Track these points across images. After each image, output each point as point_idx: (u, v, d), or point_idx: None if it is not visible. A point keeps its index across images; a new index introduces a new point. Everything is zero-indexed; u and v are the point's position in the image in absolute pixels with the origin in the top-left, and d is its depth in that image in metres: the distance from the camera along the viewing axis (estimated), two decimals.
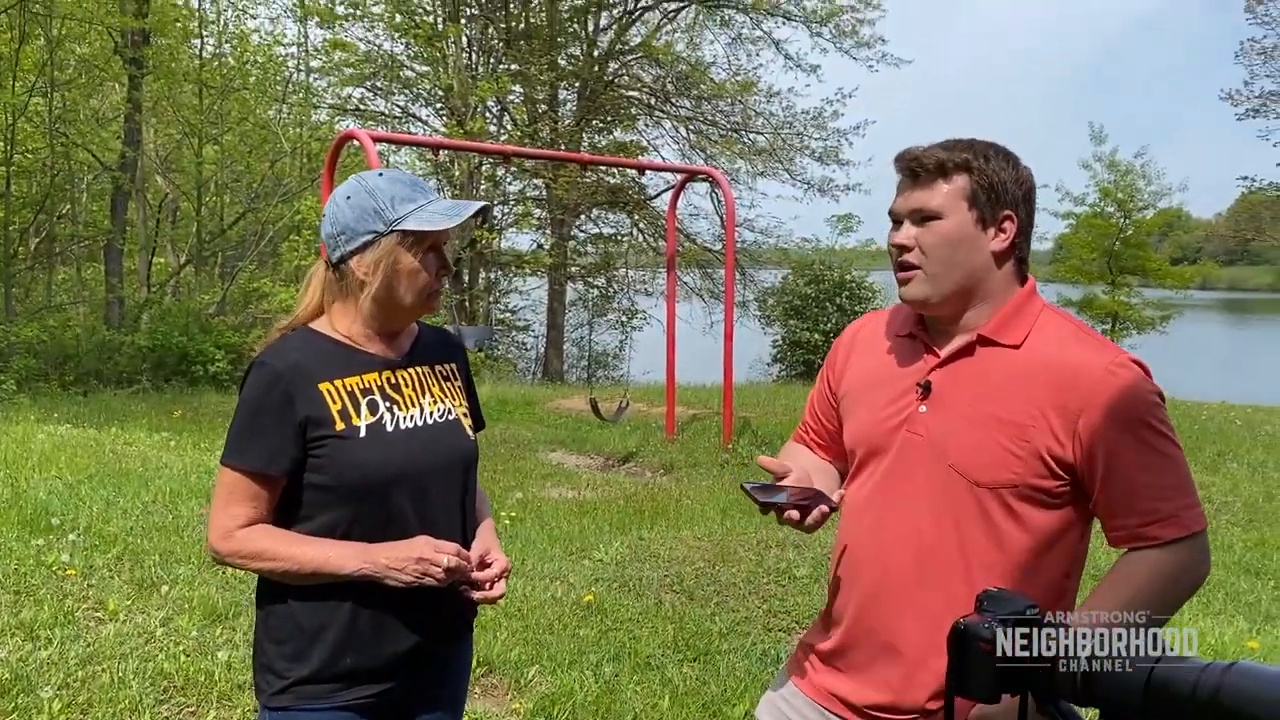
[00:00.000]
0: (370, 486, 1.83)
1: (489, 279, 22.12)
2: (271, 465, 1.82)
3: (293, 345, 1.89)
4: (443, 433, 1.95)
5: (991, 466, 1.65)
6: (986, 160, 1.70)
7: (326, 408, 1.83)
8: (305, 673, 1.85)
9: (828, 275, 22.14)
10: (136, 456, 8.01)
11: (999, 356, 1.71)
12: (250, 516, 1.84)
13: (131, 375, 14.88)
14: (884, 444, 1.79)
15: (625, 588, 5.36)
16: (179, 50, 18.42)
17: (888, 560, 1.75)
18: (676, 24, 23.00)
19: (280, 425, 1.82)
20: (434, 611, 1.91)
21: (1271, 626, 5.19)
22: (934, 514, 1.71)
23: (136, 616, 4.46)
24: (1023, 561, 1.67)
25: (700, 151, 22.35)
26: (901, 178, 1.77)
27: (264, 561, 1.81)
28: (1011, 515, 1.66)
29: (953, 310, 1.75)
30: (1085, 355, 1.65)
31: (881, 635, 1.76)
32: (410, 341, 2.00)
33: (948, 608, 1.62)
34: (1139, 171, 24.61)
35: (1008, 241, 1.72)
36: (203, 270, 19.98)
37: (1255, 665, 0.98)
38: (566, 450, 10.26)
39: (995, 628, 1.22)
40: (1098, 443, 1.61)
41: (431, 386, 1.98)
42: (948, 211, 1.70)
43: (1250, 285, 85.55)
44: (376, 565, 1.78)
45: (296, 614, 1.86)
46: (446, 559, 1.78)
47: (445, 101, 19.99)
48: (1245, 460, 9.84)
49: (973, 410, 1.69)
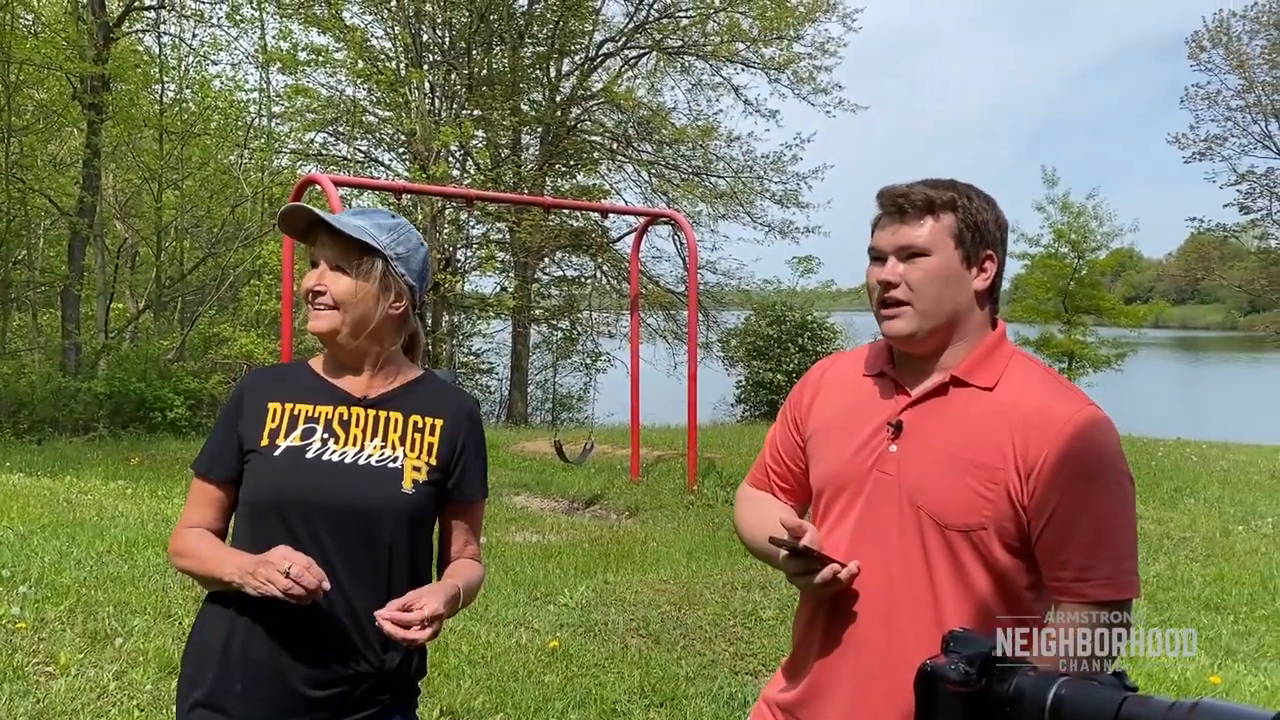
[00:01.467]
0: (267, 507, 1.84)
1: (452, 322, 22.03)
2: (211, 470, 1.90)
3: (276, 368, 2.03)
4: (367, 474, 1.87)
5: (963, 510, 1.65)
6: (970, 200, 1.72)
7: (262, 424, 1.88)
8: (201, 695, 1.84)
9: (789, 316, 22.33)
10: (92, 505, 7.85)
11: (972, 398, 1.70)
12: (197, 520, 1.90)
13: (88, 422, 14.62)
14: (854, 484, 1.77)
15: (590, 633, 5.31)
16: (139, 96, 18.30)
17: (857, 601, 1.73)
18: (638, 70, 23.29)
19: (225, 433, 1.91)
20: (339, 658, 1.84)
21: (1233, 661, 5.23)
22: (904, 555, 1.69)
23: (89, 670, 4.34)
24: (990, 604, 1.66)
25: (662, 195, 22.54)
26: (884, 214, 1.76)
27: (185, 559, 1.88)
28: (981, 558, 1.65)
29: (934, 347, 1.74)
30: (1053, 401, 1.65)
31: (846, 684, 1.73)
32: (389, 386, 1.96)
33: (918, 649, 1.62)
34: (1091, 213, 25.10)
35: (988, 281, 1.74)
36: (162, 316, 19.73)
37: (1218, 703, 0.99)
38: (531, 493, 10.19)
39: (964, 667, 1.22)
40: (1050, 487, 1.60)
41: (390, 432, 1.92)
42: (935, 249, 1.70)
43: (1201, 323, 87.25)
44: (240, 570, 1.74)
45: (206, 630, 1.88)
46: (291, 567, 1.66)
47: (408, 146, 20.03)
48: (1201, 496, 9.97)
49: (944, 452, 1.68)
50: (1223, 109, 25.93)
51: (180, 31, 19.54)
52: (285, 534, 1.81)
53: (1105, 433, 1.64)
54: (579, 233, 21.77)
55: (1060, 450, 1.60)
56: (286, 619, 1.77)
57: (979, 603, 1.66)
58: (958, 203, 1.71)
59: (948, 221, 1.70)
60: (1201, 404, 27.29)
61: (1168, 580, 6.82)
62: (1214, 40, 25.47)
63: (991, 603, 1.66)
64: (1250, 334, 41.12)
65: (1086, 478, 1.61)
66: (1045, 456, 1.61)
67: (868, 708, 1.71)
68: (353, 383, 1.95)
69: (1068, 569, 1.62)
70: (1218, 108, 25.96)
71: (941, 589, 1.67)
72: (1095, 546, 1.60)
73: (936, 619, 1.66)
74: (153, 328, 19.30)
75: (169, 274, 19.26)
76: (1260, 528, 8.73)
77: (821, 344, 22.09)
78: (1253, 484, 10.87)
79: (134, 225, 20.21)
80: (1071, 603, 1.62)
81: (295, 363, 2.04)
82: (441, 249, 19.34)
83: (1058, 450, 1.60)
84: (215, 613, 1.87)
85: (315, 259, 1.91)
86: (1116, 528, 1.62)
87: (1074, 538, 1.60)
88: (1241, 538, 8.31)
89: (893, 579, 1.70)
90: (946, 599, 1.66)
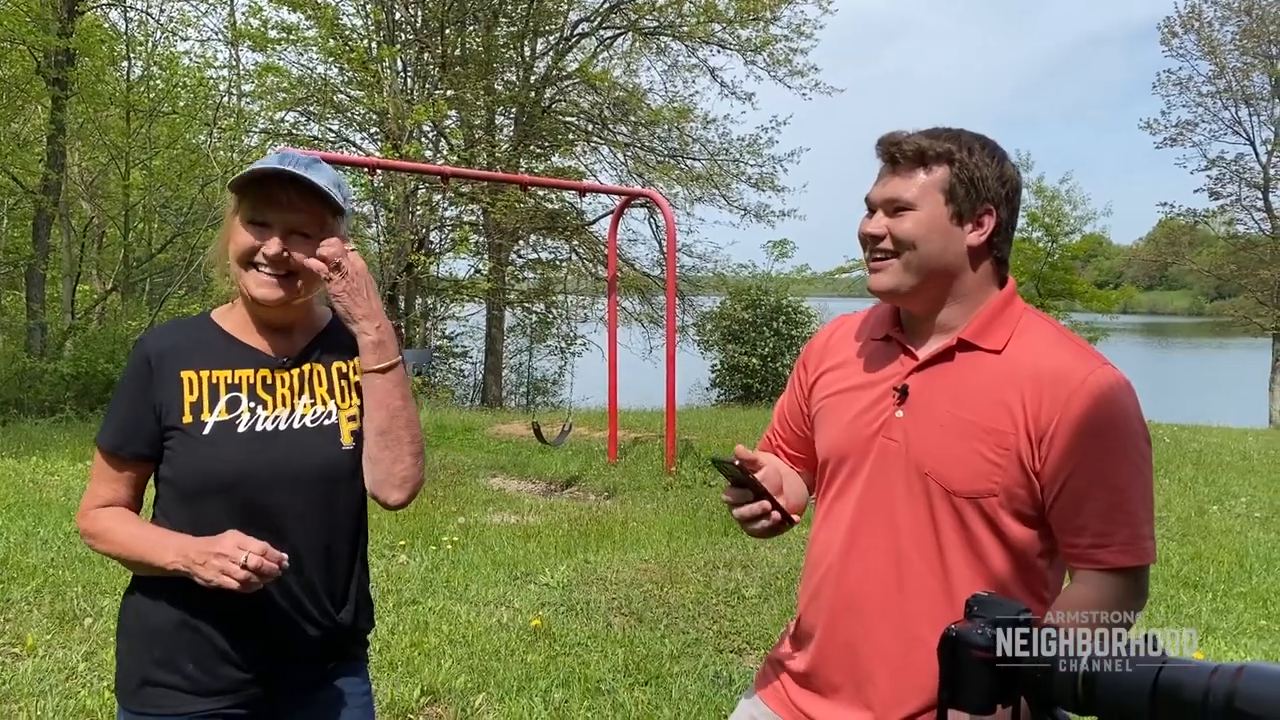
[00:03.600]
0: (206, 489, 1.71)
1: (425, 305, 21.83)
2: (121, 448, 1.75)
3: (178, 327, 1.82)
4: (305, 438, 1.78)
5: (971, 476, 1.59)
6: (970, 153, 1.63)
7: (180, 397, 1.73)
8: (149, 673, 1.75)
9: (764, 300, 22.36)
10: (59, 486, 7.69)
11: (980, 361, 1.64)
12: (108, 498, 1.77)
13: (54, 404, 14.34)
14: (859, 450, 1.71)
15: (573, 612, 5.24)
16: (105, 72, 17.92)
17: (865, 571, 1.68)
18: (613, 51, 23.09)
19: (134, 407, 1.75)
20: (295, 624, 1.78)
21: (1213, 637, 5.24)
22: (912, 523, 1.64)
23: (57, 651, 4.23)
24: (1002, 573, 1.61)
25: (638, 177, 22.39)
26: (882, 164, 1.69)
27: (104, 544, 1.75)
28: (990, 525, 1.60)
29: (925, 305, 1.68)
30: (1065, 362, 1.59)
31: (857, 650, 1.69)
32: (308, 339, 1.85)
33: (928, 619, 1.58)
34: (1065, 197, 25.29)
35: (984, 237, 1.65)
36: (130, 296, 19.41)
37: (1267, 665, 0.93)
38: (508, 475, 10.10)
39: (991, 631, 1.16)
40: (1064, 453, 1.55)
41: (317, 387, 1.82)
42: (922, 203, 1.63)
43: (1169, 309, 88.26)
44: (186, 559, 1.63)
45: (143, 610, 1.77)
46: (246, 556, 1.58)
47: (380, 126, 19.78)
48: (1176, 476, 10.05)
49: (952, 417, 1.62)
50: (1194, 94, 26.16)
51: (147, 6, 19.14)
52: (230, 516, 1.69)
53: (1122, 394, 1.57)
54: (554, 215, 21.62)
55: (1074, 414, 1.54)
56: (235, 594, 1.67)
57: (989, 570, 1.61)
58: (955, 155, 1.63)
59: (939, 175, 1.63)
60: (1170, 388, 27.57)
61: None
62: (1185, 26, 25.65)
63: (1002, 570, 1.61)
64: (1217, 319, 41.58)
65: (1102, 442, 1.55)
66: (1058, 420, 1.54)
67: (879, 677, 1.67)
68: (272, 342, 1.82)
69: (1084, 535, 1.57)
70: (1189, 93, 26.19)
71: (950, 556, 1.62)
72: (1112, 512, 1.55)
73: (945, 587, 1.62)
74: (121, 308, 18.98)
75: (137, 254, 18.92)
76: (1234, 507, 8.80)
77: (796, 328, 22.15)
78: (1225, 465, 10.97)
79: (100, 204, 19.82)
80: (1088, 569, 1.58)
81: (195, 320, 1.85)
82: (415, 230, 19.14)
83: (1071, 414, 1.54)
84: (153, 591, 1.76)
85: (262, 219, 1.72)
86: (1134, 493, 1.57)
87: (1090, 504, 1.55)
88: (1216, 517, 8.37)
89: (901, 547, 1.65)
90: (955, 566, 1.62)
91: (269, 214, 1.72)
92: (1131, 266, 53.54)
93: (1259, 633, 5.40)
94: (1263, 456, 11.82)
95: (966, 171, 1.62)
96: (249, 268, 1.74)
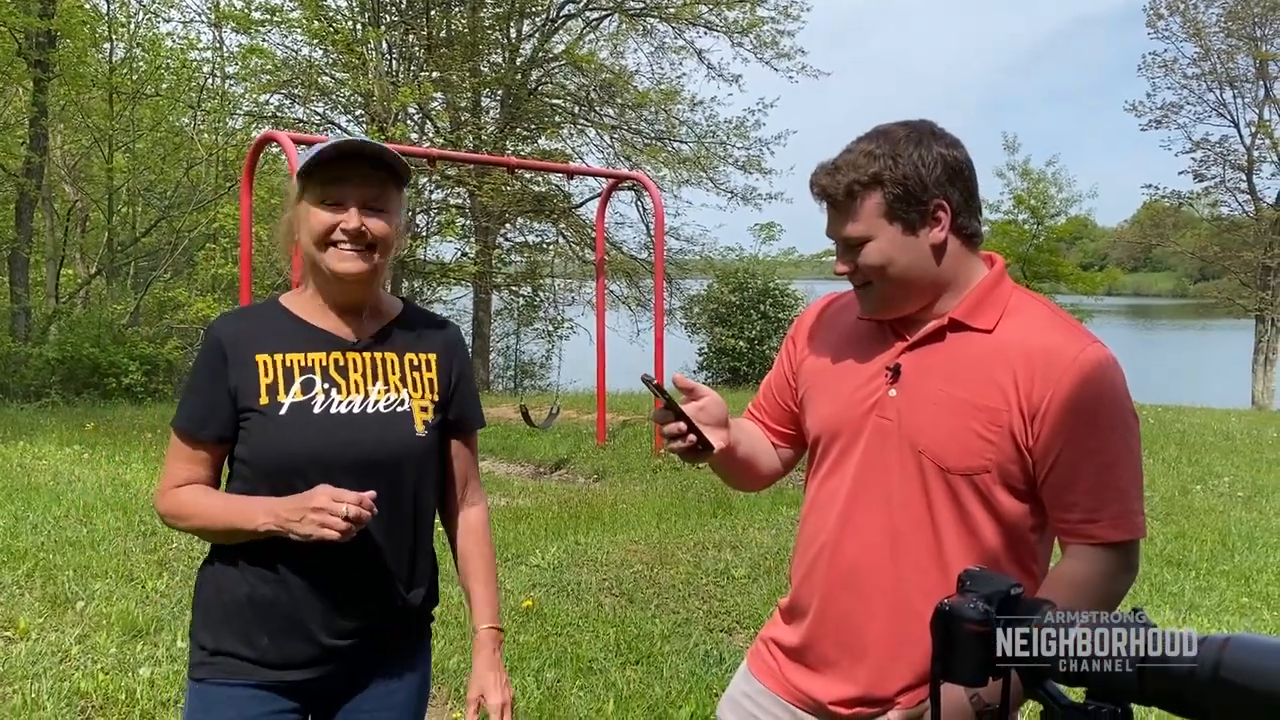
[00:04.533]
0: (282, 468, 1.75)
1: (412, 289, 21.77)
2: (200, 430, 1.79)
3: (248, 312, 1.87)
4: (380, 423, 1.83)
5: (964, 452, 1.62)
6: (896, 161, 1.61)
7: (256, 379, 1.77)
8: (224, 646, 1.79)
9: (752, 283, 22.36)
10: (47, 471, 7.67)
11: (970, 341, 1.66)
12: (186, 477, 1.80)
13: (40, 388, 14.28)
14: (852, 428, 1.73)
15: (564, 592, 5.27)
16: (87, 54, 17.76)
17: (860, 546, 1.70)
18: (599, 32, 23.00)
19: (212, 390, 1.78)
20: (367, 604, 1.83)
21: (1196, 615, 5.31)
22: (906, 499, 1.66)
23: (50, 634, 4.24)
24: (995, 546, 1.64)
25: (625, 160, 22.34)
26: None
27: (189, 520, 1.79)
28: (983, 501, 1.63)
29: (916, 308, 1.71)
30: (1058, 340, 1.61)
31: (851, 626, 1.71)
32: (380, 324, 1.89)
33: (922, 593, 1.61)
34: (1050, 179, 25.36)
35: (945, 230, 1.65)
36: (115, 280, 19.30)
37: (1253, 636, 0.95)
38: (496, 459, 10.12)
39: (984, 605, 1.18)
40: (1056, 429, 1.57)
41: (389, 374, 1.87)
42: (872, 232, 1.65)
43: (1153, 291, 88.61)
44: (278, 517, 1.68)
45: (222, 584, 1.81)
46: (345, 508, 1.63)
47: (365, 108, 19.67)
48: (1160, 456, 10.13)
49: (945, 395, 1.64)
50: (1179, 76, 26.26)
51: None
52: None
53: (1111, 371, 1.60)
54: (541, 198, 21.55)
55: (1066, 391, 1.57)
56: (310, 569, 1.75)
57: (982, 545, 1.64)
58: (881, 175, 1.61)
59: (874, 202, 1.63)
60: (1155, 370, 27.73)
61: None
62: (1171, 8, 25.70)
63: (995, 545, 1.64)
64: (1201, 301, 41.86)
65: (1093, 418, 1.57)
66: (1050, 397, 1.57)
67: (874, 651, 1.69)
68: (341, 325, 1.85)
69: (1075, 510, 1.59)
70: (1174, 75, 26.28)
71: (944, 532, 1.64)
72: (1102, 488, 1.58)
73: (940, 563, 1.64)
74: (105, 292, 18.87)
75: (121, 238, 18.81)
76: (1217, 487, 8.89)
77: (784, 311, 22.16)
78: (1208, 445, 11.08)
79: (84, 188, 19.68)
80: (1079, 544, 1.60)
81: (263, 304, 1.90)
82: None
83: (1063, 391, 1.57)
84: (231, 564, 1.81)
85: (335, 198, 1.76)
86: (1123, 468, 1.59)
87: (1081, 479, 1.58)
88: (1200, 496, 8.47)
89: (895, 523, 1.67)
90: (949, 541, 1.64)
91: (342, 192, 1.76)
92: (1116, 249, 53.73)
93: (1241, 610, 5.48)
94: (1245, 436, 11.94)
95: (898, 185, 1.61)
96: (327, 247, 1.77)
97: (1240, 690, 0.91)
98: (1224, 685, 0.93)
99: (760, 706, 1.84)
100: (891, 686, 1.68)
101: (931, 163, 1.62)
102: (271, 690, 1.79)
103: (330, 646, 1.81)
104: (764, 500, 7.70)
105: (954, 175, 1.64)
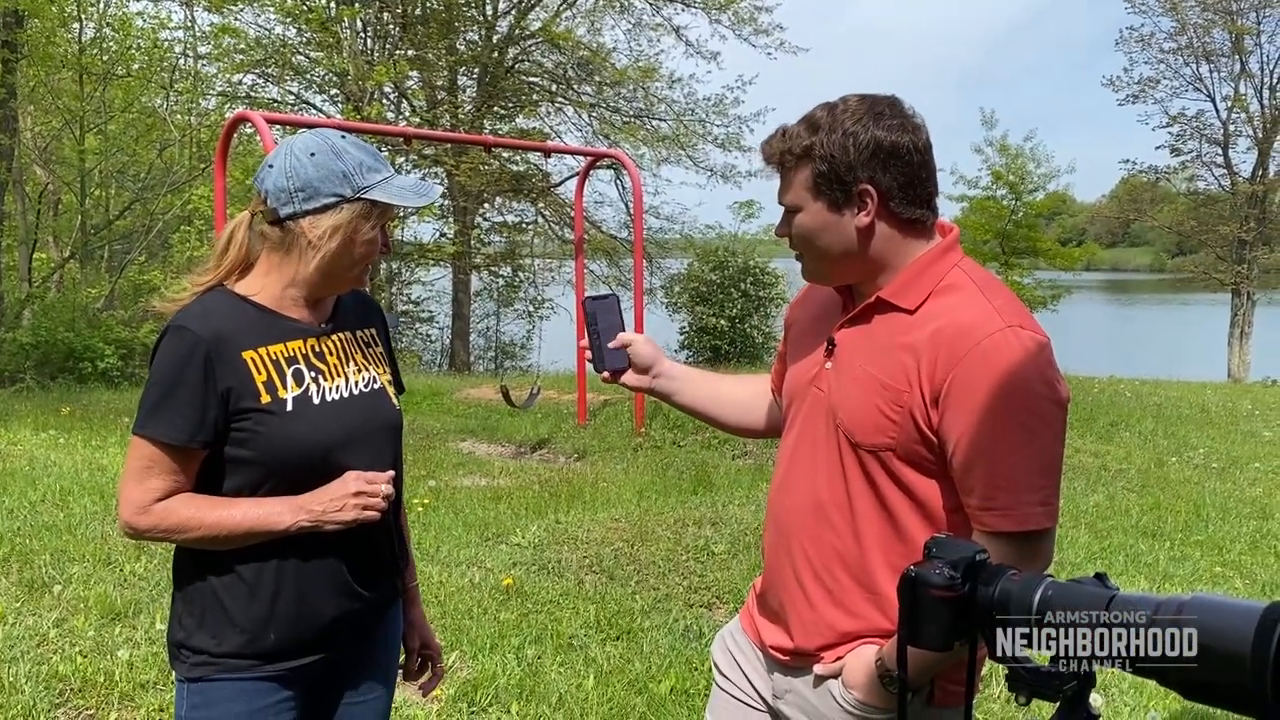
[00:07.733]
0: (307, 461, 1.75)
1: (390, 269, 21.65)
2: (194, 439, 1.71)
3: (214, 308, 1.77)
4: (370, 403, 1.89)
5: (870, 429, 1.64)
6: (830, 135, 1.60)
7: (251, 378, 1.73)
8: (228, 648, 1.76)
9: (732, 261, 22.30)
10: (22, 456, 7.61)
11: (893, 320, 1.66)
12: (169, 489, 1.73)
13: (14, 373, 14.14)
14: (799, 395, 1.82)
15: (544, 570, 5.29)
16: (56, 34, 17.49)
17: (791, 505, 1.78)
18: (576, 9, 22.82)
19: (203, 396, 1.70)
20: (360, 582, 1.85)
21: (1171, 584, 5.38)
22: (828, 469, 1.72)
23: (27, 619, 4.22)
24: (903, 524, 1.65)
25: (604, 138, 22.25)
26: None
27: (189, 533, 1.71)
28: (892, 478, 1.64)
29: (851, 281, 1.74)
30: (969, 320, 1.56)
31: (784, 582, 1.79)
32: (329, 307, 1.91)
33: (840, 560, 1.70)
34: (1029, 155, 25.38)
35: (870, 216, 1.63)
36: (89, 264, 19.10)
37: (1212, 596, 0.97)
38: (477, 439, 10.11)
39: (949, 571, 1.19)
40: (955, 411, 1.55)
41: (354, 355, 1.91)
42: (801, 203, 1.68)
43: (1131, 266, 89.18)
44: (312, 514, 1.71)
45: (217, 591, 1.76)
46: (384, 487, 1.75)
47: (340, 87, 19.50)
48: (1136, 429, 10.22)
49: (863, 372, 1.67)
50: (1156, 51, 26.32)
51: None
52: (323, 482, 1.76)
53: (1020, 352, 1.53)
54: (519, 177, 21.47)
55: (965, 372, 1.54)
56: (317, 555, 1.77)
57: (891, 519, 1.67)
58: (813, 149, 1.61)
59: (805, 174, 1.64)
60: (1132, 344, 27.97)
61: (1106, 510, 6.98)
62: None
63: (906, 520, 1.66)
64: (1178, 275, 42.13)
65: (989, 404, 1.52)
66: (951, 379, 1.54)
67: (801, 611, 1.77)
68: (306, 313, 1.85)
69: (972, 496, 1.57)
70: (1151, 50, 26.34)
71: (857, 503, 1.69)
72: (995, 475, 1.54)
73: (854, 531, 1.69)
74: (79, 276, 18.68)
75: (94, 221, 18.58)
76: (1192, 459, 8.98)
77: (764, 289, 22.13)
78: (1184, 418, 11.17)
79: (56, 170, 19.41)
80: (978, 531, 1.58)
81: (219, 297, 1.79)
82: None
83: (963, 372, 1.54)
84: (221, 567, 1.76)
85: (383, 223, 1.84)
86: (1018, 458, 1.53)
87: (976, 465, 1.54)
88: (1175, 468, 8.55)
89: (818, 492, 1.73)
90: (863, 513, 1.68)
91: (384, 221, 1.85)
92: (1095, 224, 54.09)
93: (1214, 579, 5.55)
94: (1220, 409, 12.06)
95: (825, 163, 1.60)
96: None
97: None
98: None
99: (737, 644, 1.96)
100: (813, 642, 1.74)
101: (864, 144, 1.59)
102: (275, 681, 1.78)
103: (336, 630, 1.83)
104: (744, 477, 7.74)
105: (889, 159, 1.60)
